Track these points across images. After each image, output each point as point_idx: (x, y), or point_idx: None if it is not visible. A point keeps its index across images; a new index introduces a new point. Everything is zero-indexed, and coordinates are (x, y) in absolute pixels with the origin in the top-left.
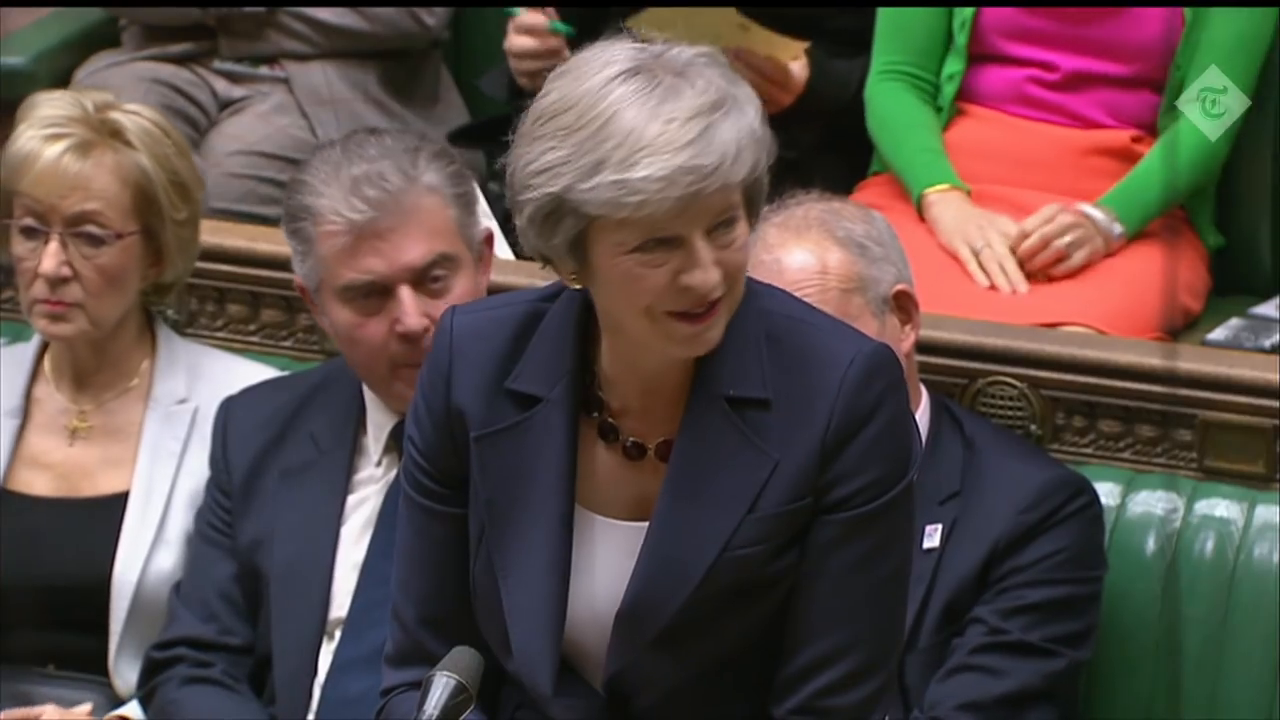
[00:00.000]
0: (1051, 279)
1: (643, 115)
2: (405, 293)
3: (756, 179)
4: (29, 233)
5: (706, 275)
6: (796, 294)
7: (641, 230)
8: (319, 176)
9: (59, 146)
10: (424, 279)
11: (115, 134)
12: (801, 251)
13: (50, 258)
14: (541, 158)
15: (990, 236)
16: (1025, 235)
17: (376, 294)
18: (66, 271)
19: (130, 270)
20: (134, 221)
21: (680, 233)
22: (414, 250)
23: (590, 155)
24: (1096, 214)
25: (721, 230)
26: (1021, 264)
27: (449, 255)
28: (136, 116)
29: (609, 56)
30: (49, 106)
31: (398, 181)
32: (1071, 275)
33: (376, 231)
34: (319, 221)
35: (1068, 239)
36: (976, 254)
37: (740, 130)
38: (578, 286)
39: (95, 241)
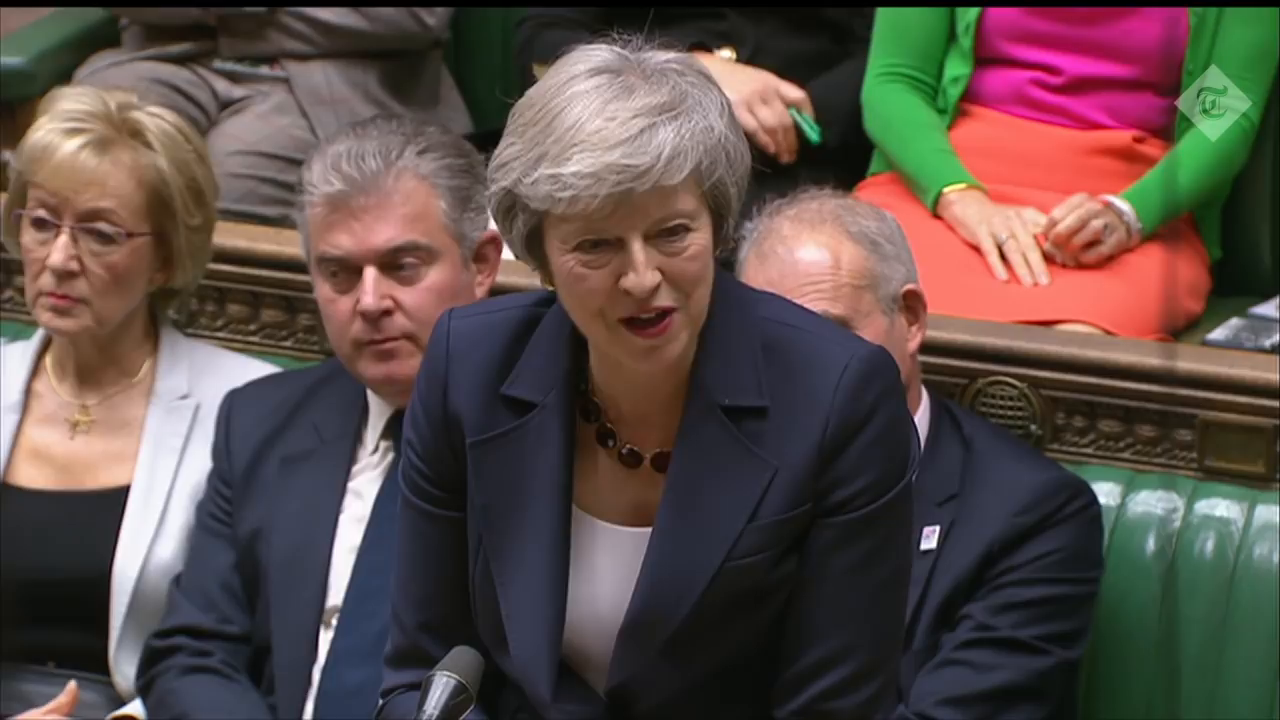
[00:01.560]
0: (1081, 266)
1: (588, 112)
2: (369, 273)
3: (716, 186)
4: (40, 224)
5: (640, 279)
6: (809, 287)
7: (579, 229)
8: (318, 151)
9: (77, 141)
10: (392, 263)
11: (135, 134)
12: (816, 245)
13: (59, 251)
14: (503, 152)
15: (1015, 228)
16: (1055, 222)
17: (348, 272)
18: (74, 266)
19: (138, 271)
20: (146, 223)
21: (617, 233)
22: (384, 233)
23: (535, 149)
24: (1123, 206)
25: (668, 237)
26: (1049, 255)
27: (421, 245)
28: (159, 119)
29: (585, 55)
30: (71, 101)
31: (375, 163)
32: (1097, 266)
33: (351, 209)
34: (306, 192)
35: (1101, 222)
36: (1000, 245)
37: (685, 134)
38: (550, 289)
39: (105, 239)
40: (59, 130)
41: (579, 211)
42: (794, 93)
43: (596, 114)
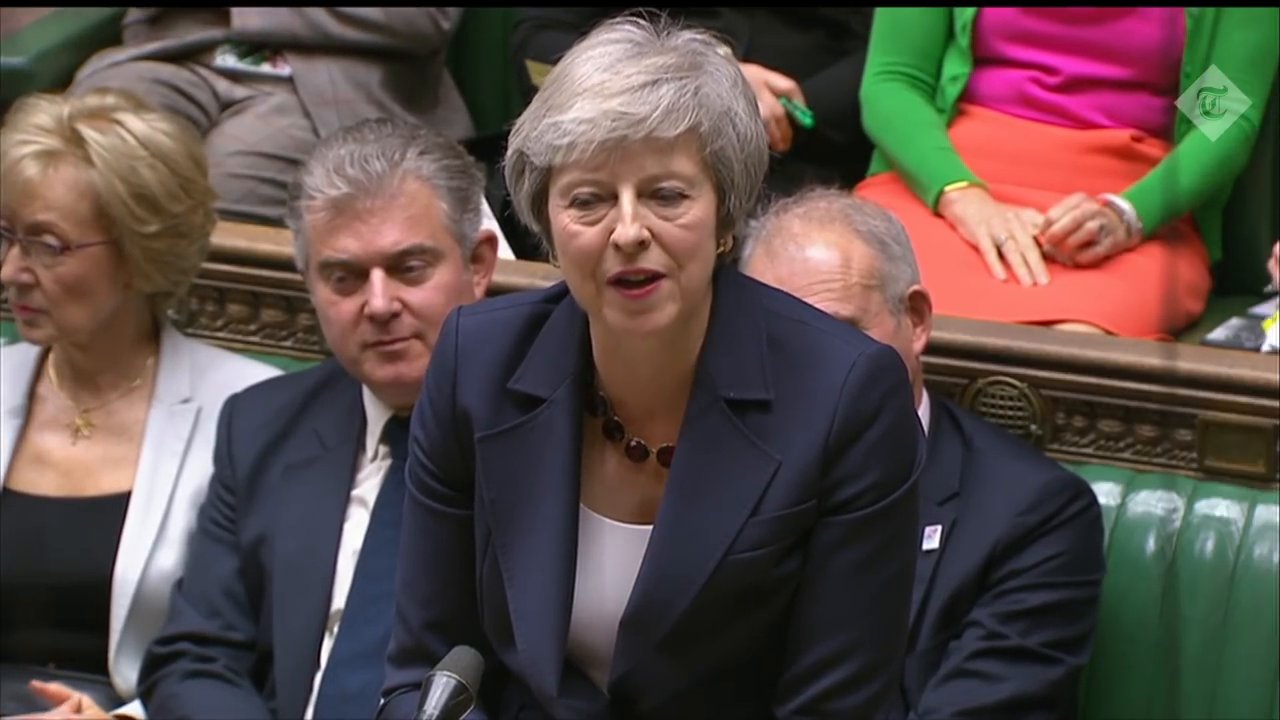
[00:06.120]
0: (1079, 266)
1: (597, 67)
2: (377, 275)
3: (718, 155)
4: (3, 237)
5: (625, 229)
6: (820, 286)
7: (575, 180)
8: (315, 156)
9: (24, 153)
10: (399, 265)
11: (78, 145)
12: (826, 244)
13: (10, 264)
14: (520, 117)
15: (1014, 228)
16: (1052, 223)
17: (352, 275)
18: (26, 278)
19: (95, 280)
20: (96, 233)
21: (610, 184)
22: (390, 235)
23: (544, 105)
24: (1123, 205)
25: (663, 200)
26: (1048, 255)
27: (427, 247)
28: (116, 126)
29: (616, 26)
30: (29, 112)
31: (379, 165)
32: (1096, 265)
33: (355, 212)
34: (305, 197)
35: (1097, 223)
36: (999, 245)
37: (688, 93)
38: (557, 266)
39: (52, 251)
40: (13, 141)
41: (575, 160)
42: (782, 83)
43: (604, 69)
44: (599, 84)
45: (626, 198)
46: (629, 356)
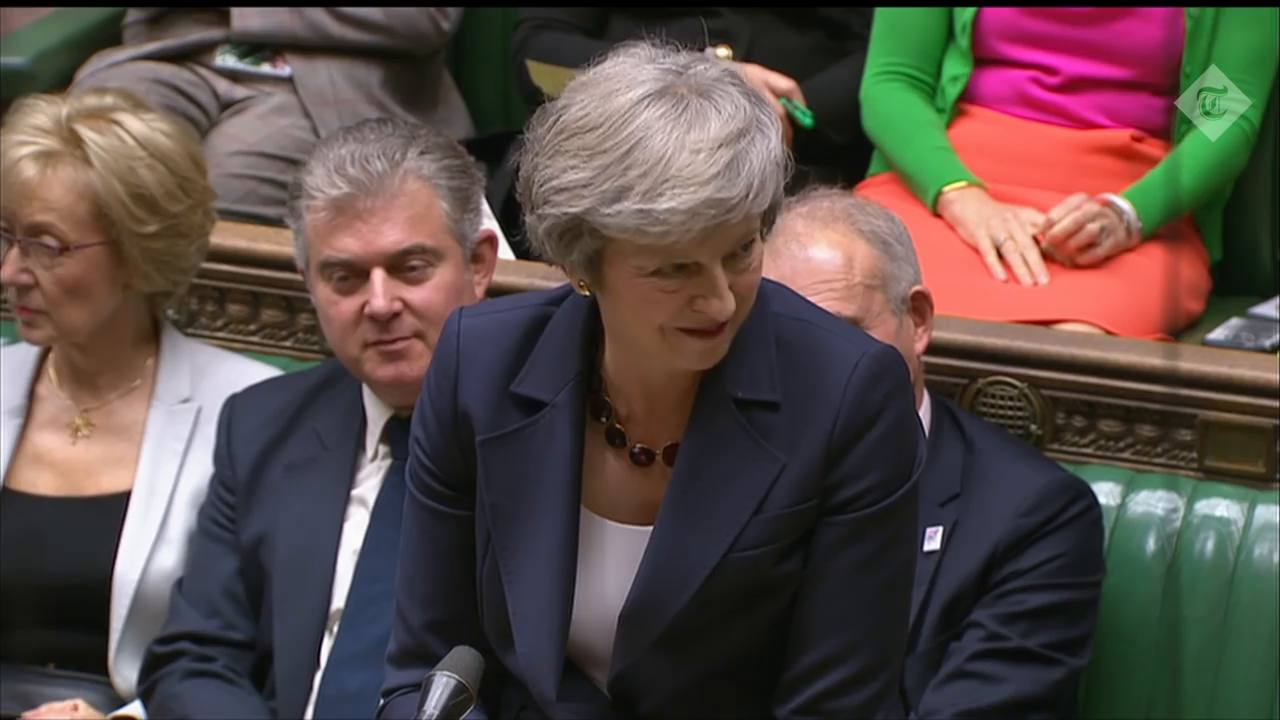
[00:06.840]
0: (1079, 267)
1: (670, 144)
2: (378, 275)
3: (775, 199)
4: (2, 238)
5: (724, 303)
6: (822, 286)
7: (661, 256)
8: (315, 156)
9: (23, 154)
10: (400, 265)
11: (76, 146)
12: (829, 244)
13: (9, 265)
14: (563, 175)
15: (1013, 229)
16: (1053, 223)
17: (353, 274)
18: (25, 279)
19: (94, 281)
20: (95, 234)
21: (700, 260)
22: (391, 235)
23: (614, 181)
24: (1123, 205)
25: (740, 255)
26: (1047, 254)
27: (428, 248)
28: (114, 127)
29: (635, 76)
30: (28, 113)
31: (380, 165)
32: (1096, 265)
33: (356, 212)
34: (306, 197)
35: (1098, 224)
36: (998, 245)
37: (764, 159)
38: (587, 294)
39: (51, 252)
40: (12, 143)
41: (668, 244)
42: (782, 83)
43: (680, 146)
44: (686, 167)
45: (719, 272)
46: (642, 368)
